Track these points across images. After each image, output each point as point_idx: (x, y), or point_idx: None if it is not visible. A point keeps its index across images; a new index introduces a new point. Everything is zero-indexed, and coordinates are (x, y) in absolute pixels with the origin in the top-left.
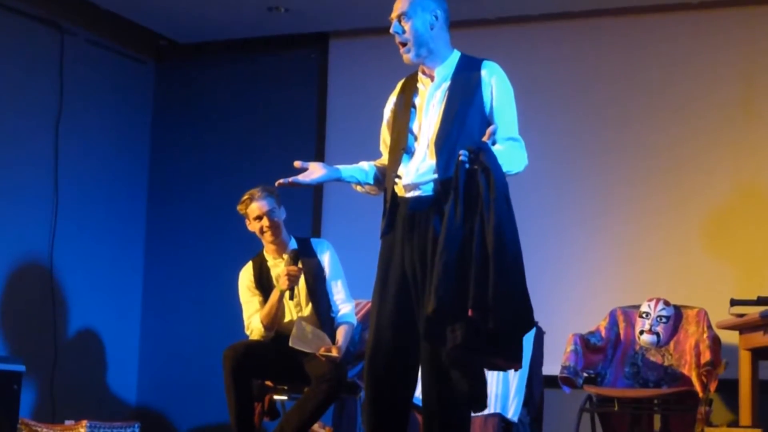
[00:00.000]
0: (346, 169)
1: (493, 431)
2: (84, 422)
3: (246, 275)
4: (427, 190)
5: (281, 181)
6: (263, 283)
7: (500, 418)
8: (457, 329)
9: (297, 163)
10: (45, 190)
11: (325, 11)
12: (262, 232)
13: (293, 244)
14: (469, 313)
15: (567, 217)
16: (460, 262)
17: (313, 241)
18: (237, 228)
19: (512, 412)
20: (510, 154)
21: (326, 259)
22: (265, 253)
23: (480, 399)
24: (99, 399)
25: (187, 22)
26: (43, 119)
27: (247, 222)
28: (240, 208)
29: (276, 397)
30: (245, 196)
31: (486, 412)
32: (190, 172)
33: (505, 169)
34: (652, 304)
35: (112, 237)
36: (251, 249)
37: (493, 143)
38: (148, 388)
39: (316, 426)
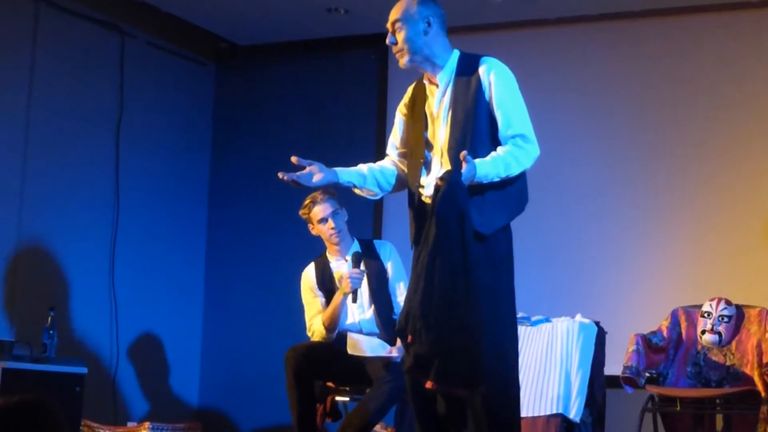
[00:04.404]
0: (342, 173)
1: (555, 431)
2: (146, 424)
3: (308, 276)
4: None
5: (283, 176)
6: (326, 285)
7: (562, 418)
8: (409, 353)
9: (294, 159)
10: (106, 192)
11: (384, 12)
12: (328, 234)
13: (356, 247)
14: (408, 339)
15: (628, 218)
16: (413, 289)
17: (376, 243)
18: (298, 229)
19: (574, 413)
20: (503, 159)
21: (389, 261)
22: (327, 254)
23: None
24: (161, 400)
25: (247, 24)
26: (104, 122)
27: (311, 226)
28: (302, 212)
29: (338, 398)
30: (307, 200)
31: (548, 412)
32: (251, 174)
33: (504, 173)
34: (714, 303)
35: (173, 239)
36: (313, 250)
37: (497, 145)
38: (210, 390)
39: (378, 427)
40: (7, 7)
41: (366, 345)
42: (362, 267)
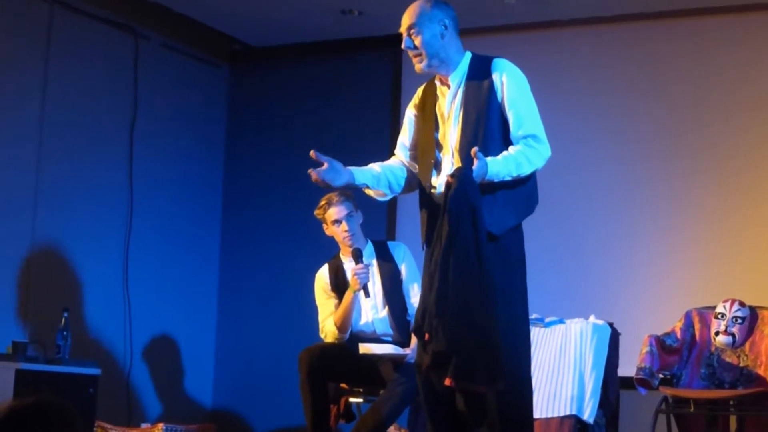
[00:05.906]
0: (358, 174)
1: None
2: (160, 425)
3: (322, 278)
4: None
5: (312, 173)
6: (339, 286)
7: (576, 419)
8: (427, 352)
9: (312, 153)
10: (120, 193)
11: (398, 14)
12: (342, 237)
13: (370, 248)
14: (426, 336)
15: (642, 218)
16: (428, 287)
17: (390, 244)
18: (312, 230)
19: (588, 414)
20: (515, 159)
21: (403, 262)
22: (341, 255)
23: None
24: (175, 402)
25: (261, 25)
26: (117, 123)
27: (325, 227)
28: (317, 212)
29: (352, 399)
30: (322, 201)
31: (562, 413)
32: (265, 175)
33: (515, 173)
34: (728, 305)
35: (187, 240)
36: (327, 251)
37: (508, 146)
38: (224, 391)
39: (391, 428)
40: (21, 8)
41: (378, 347)
42: (365, 261)
